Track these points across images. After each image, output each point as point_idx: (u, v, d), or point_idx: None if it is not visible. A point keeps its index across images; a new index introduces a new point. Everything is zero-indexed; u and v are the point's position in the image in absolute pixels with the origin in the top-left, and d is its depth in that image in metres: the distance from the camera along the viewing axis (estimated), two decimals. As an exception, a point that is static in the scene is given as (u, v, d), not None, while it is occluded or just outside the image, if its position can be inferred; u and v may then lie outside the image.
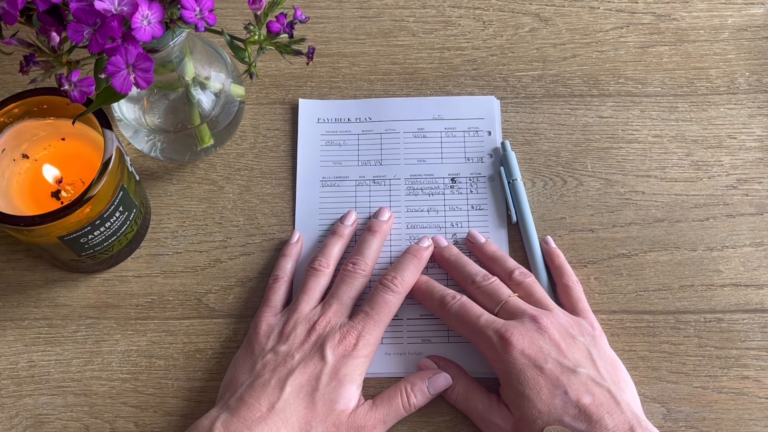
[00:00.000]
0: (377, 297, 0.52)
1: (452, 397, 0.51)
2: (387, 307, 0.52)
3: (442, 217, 0.58)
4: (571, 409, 0.46)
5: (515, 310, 0.51)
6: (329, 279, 0.54)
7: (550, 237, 0.56)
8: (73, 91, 0.40)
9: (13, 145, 0.51)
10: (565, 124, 0.61)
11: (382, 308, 0.52)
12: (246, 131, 0.61)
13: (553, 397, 0.46)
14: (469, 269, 0.54)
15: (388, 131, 0.61)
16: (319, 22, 0.65)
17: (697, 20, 0.64)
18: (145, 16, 0.38)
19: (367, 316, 0.51)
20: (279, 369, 0.49)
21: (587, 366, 0.48)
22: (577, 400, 0.46)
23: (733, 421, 0.52)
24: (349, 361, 0.49)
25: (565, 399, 0.46)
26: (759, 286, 0.56)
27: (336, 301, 0.52)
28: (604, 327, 0.53)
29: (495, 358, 0.49)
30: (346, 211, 0.58)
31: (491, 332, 0.49)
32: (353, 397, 0.49)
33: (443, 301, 0.52)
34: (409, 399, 0.50)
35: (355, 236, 0.57)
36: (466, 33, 0.64)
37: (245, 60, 0.45)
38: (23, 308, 0.55)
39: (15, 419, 0.52)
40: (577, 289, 0.54)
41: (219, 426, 0.46)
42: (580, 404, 0.46)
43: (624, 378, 0.50)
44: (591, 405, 0.46)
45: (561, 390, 0.46)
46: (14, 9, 0.38)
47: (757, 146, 0.60)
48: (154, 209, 0.58)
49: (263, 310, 0.53)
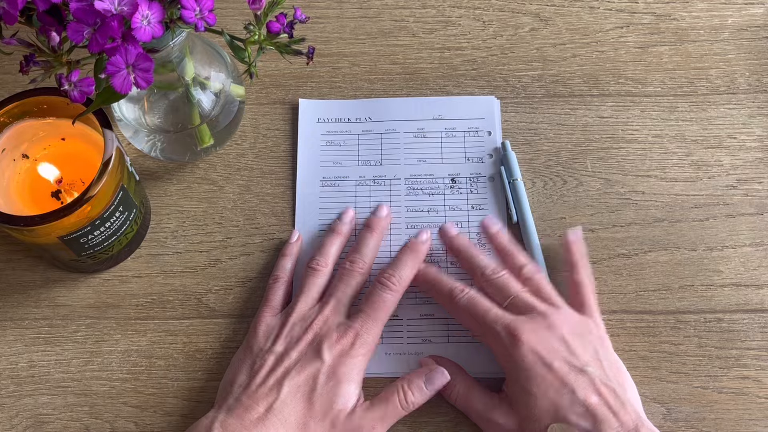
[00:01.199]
0: (375, 296, 0.52)
1: (452, 397, 0.51)
2: (385, 306, 0.52)
3: (442, 217, 0.58)
4: (578, 408, 0.46)
5: (524, 305, 0.51)
6: (327, 278, 0.54)
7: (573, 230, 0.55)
8: (73, 91, 0.40)
9: (13, 145, 0.51)
10: (565, 124, 0.61)
11: (380, 307, 0.51)
12: (246, 131, 0.61)
13: (560, 395, 0.46)
14: (478, 261, 0.54)
15: (388, 131, 0.61)
16: (319, 22, 0.65)
17: (697, 20, 0.64)
18: (145, 16, 0.38)
19: (365, 314, 0.51)
20: (276, 369, 0.49)
21: (594, 366, 0.48)
22: (584, 400, 0.46)
23: (733, 421, 0.52)
24: (346, 360, 0.49)
25: (572, 398, 0.46)
26: (759, 286, 0.56)
27: (334, 300, 0.52)
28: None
29: (503, 354, 0.49)
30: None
31: (500, 327, 0.49)
32: (352, 397, 0.49)
33: (452, 294, 0.52)
34: (407, 397, 0.50)
35: (354, 234, 0.57)
36: (466, 33, 0.64)
37: (245, 60, 0.45)
38: (23, 308, 0.55)
39: (15, 419, 0.52)
40: (590, 287, 0.53)
41: (217, 427, 0.46)
42: (587, 403, 0.46)
43: (627, 379, 0.50)
44: (597, 405, 0.46)
45: (568, 389, 0.46)
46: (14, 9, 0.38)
47: (757, 146, 0.60)
48: (154, 209, 0.58)
49: (263, 309, 0.53)
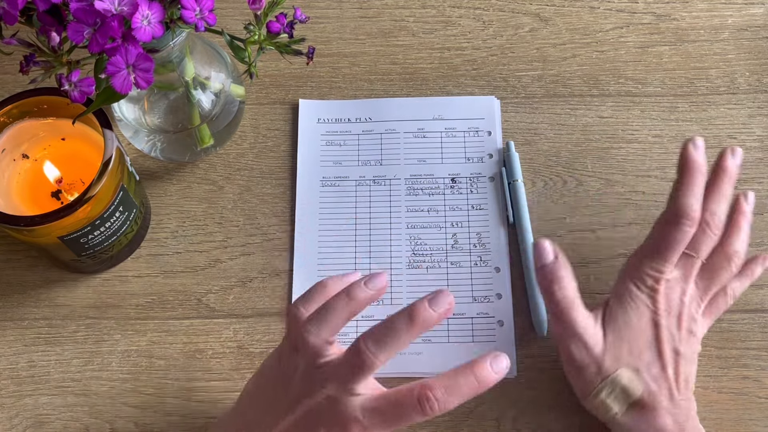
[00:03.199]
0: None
1: (556, 296, 0.47)
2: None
3: (442, 217, 0.58)
4: (654, 369, 0.47)
5: (714, 279, 0.49)
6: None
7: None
8: (73, 91, 0.40)
9: (13, 145, 0.51)
10: (565, 124, 0.61)
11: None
12: (246, 131, 0.61)
13: (648, 349, 0.47)
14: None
15: (388, 131, 0.61)
16: (319, 22, 0.65)
17: (697, 20, 0.64)
18: (145, 16, 0.38)
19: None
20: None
21: (688, 351, 0.48)
22: (661, 368, 0.47)
23: (733, 421, 0.52)
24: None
25: (655, 358, 0.47)
26: (759, 286, 0.56)
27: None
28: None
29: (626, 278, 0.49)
30: (346, 212, 0.58)
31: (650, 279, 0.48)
32: None
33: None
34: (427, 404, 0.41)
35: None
36: (466, 33, 0.64)
37: (245, 60, 0.45)
38: (23, 308, 0.55)
39: (15, 419, 0.52)
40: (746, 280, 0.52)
41: None
42: (663, 373, 0.47)
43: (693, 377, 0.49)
44: (669, 378, 0.47)
45: (657, 351, 0.47)
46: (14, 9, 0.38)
47: (757, 146, 0.60)
48: (154, 209, 0.58)
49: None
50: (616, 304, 0.49)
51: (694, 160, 0.48)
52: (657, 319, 0.48)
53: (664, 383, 0.47)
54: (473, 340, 0.54)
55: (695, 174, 0.48)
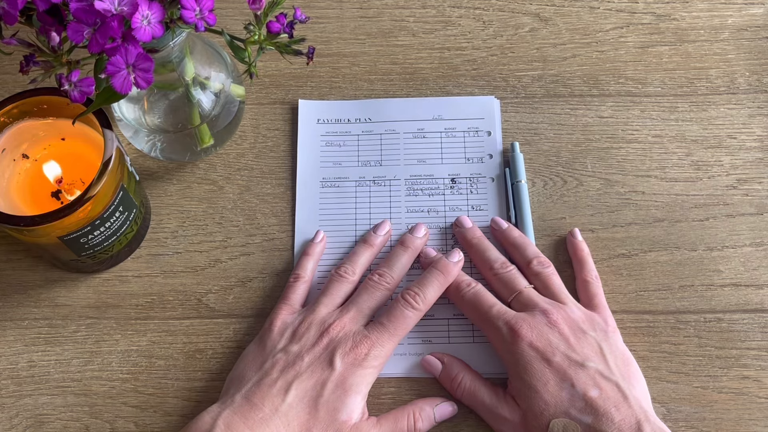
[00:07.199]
0: (396, 311, 0.51)
1: (458, 393, 0.51)
2: (404, 323, 0.51)
3: (443, 218, 0.58)
4: (578, 402, 0.46)
5: (528, 301, 0.51)
6: (353, 287, 0.54)
7: (577, 229, 0.56)
8: (73, 91, 0.40)
9: (13, 145, 0.51)
10: (565, 124, 0.61)
11: (400, 323, 0.51)
12: (246, 131, 0.61)
13: (560, 389, 0.47)
14: (488, 255, 0.54)
15: (388, 132, 0.61)
16: (319, 22, 0.65)
17: (697, 20, 0.64)
18: (145, 16, 0.38)
19: (383, 327, 0.51)
20: (287, 370, 0.49)
21: (596, 360, 0.48)
22: (583, 393, 0.46)
23: (733, 421, 0.52)
24: (357, 370, 0.49)
25: (572, 392, 0.47)
26: (759, 286, 0.56)
27: (355, 308, 0.52)
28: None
29: (504, 349, 0.50)
30: (346, 212, 0.58)
31: (501, 323, 0.50)
32: (356, 409, 0.48)
33: (458, 287, 0.53)
34: (416, 423, 0.50)
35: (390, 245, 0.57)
36: (466, 33, 0.64)
37: (245, 60, 0.45)
38: (23, 308, 0.55)
39: (15, 419, 0.52)
40: (596, 284, 0.54)
41: (221, 424, 0.46)
42: (587, 397, 0.46)
43: (635, 374, 0.50)
44: (598, 398, 0.46)
45: (568, 383, 0.47)
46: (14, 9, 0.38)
47: (757, 146, 0.60)
48: (154, 209, 0.58)
49: (280, 306, 0.53)
50: (509, 370, 0.50)
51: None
52: (544, 356, 0.48)
53: (600, 403, 0.46)
54: (473, 340, 0.54)
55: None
